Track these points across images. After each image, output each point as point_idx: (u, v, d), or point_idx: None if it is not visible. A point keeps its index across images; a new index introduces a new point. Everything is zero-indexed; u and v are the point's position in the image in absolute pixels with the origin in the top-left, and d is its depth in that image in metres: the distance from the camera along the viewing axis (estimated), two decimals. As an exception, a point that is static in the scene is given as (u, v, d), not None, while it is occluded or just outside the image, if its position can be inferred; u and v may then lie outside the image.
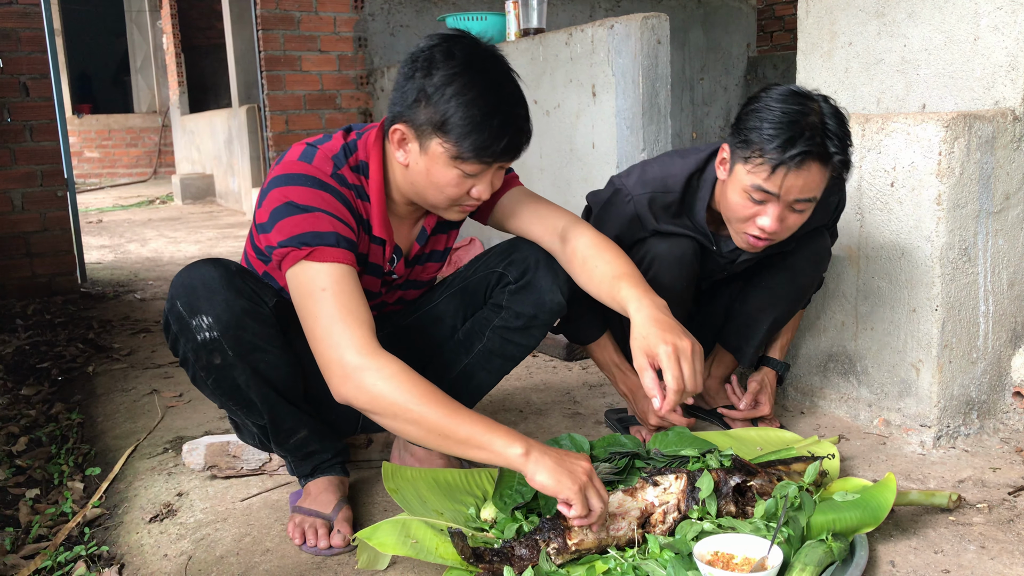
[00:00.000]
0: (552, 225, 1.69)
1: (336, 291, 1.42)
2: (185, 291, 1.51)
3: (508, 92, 1.47)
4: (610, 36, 2.90)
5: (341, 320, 1.40)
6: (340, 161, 1.55)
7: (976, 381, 1.99)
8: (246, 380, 1.56)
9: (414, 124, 1.47)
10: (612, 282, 1.57)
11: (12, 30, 3.80)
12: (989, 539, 1.54)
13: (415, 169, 1.51)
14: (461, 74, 1.43)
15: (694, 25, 5.73)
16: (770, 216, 1.64)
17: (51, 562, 1.60)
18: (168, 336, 1.57)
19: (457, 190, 1.51)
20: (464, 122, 1.42)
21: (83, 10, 12.65)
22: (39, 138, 3.91)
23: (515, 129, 1.46)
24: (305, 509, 1.64)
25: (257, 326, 1.54)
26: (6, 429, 2.33)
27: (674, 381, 1.39)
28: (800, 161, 1.57)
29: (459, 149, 1.44)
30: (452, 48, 1.45)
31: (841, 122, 1.61)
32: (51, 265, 4.00)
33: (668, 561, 1.35)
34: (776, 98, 1.62)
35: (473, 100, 1.42)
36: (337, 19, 5.07)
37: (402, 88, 1.48)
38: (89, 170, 12.05)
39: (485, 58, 1.47)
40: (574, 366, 2.72)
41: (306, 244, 1.44)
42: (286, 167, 1.52)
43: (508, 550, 1.40)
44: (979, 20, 2.11)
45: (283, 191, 1.49)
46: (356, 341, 1.39)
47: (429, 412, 1.35)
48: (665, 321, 1.46)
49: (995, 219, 1.94)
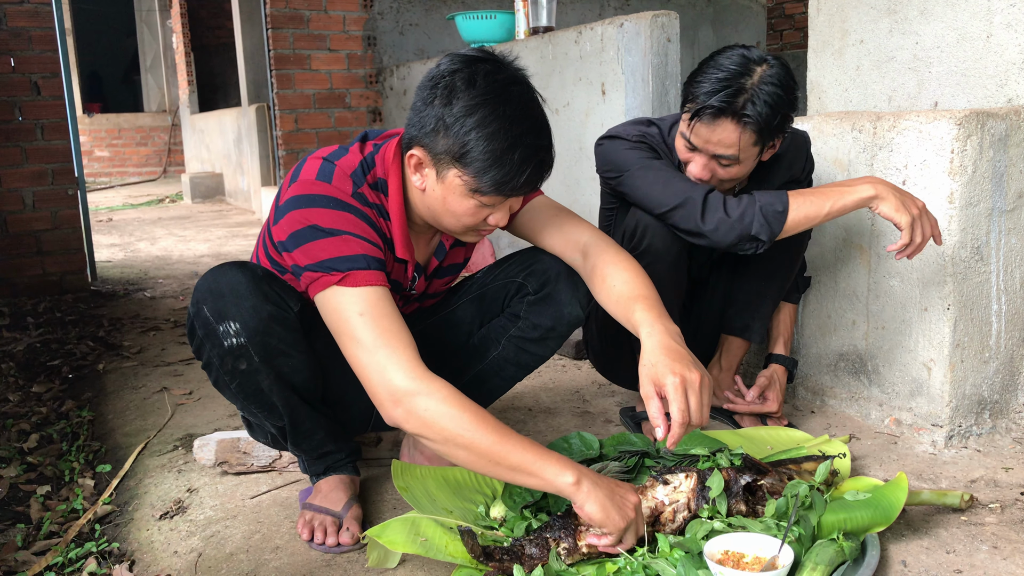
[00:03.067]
0: (575, 239, 1.67)
1: (375, 315, 1.39)
2: (212, 296, 1.49)
3: (531, 123, 1.41)
4: (620, 34, 2.89)
5: (385, 344, 1.37)
6: (359, 179, 1.50)
7: (988, 380, 1.98)
8: (269, 385, 1.56)
9: (432, 152, 1.43)
10: (628, 302, 1.54)
11: (23, 29, 3.82)
12: (1001, 539, 1.53)
13: (431, 195, 1.48)
14: (482, 105, 1.38)
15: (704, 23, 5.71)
16: (697, 164, 1.76)
17: (62, 558, 1.61)
18: (192, 341, 1.55)
19: (474, 219, 1.48)
20: (484, 156, 1.38)
21: (93, 9, 12.70)
22: (50, 137, 3.93)
23: (537, 162, 1.42)
24: (315, 506, 1.65)
25: (283, 331, 1.52)
26: (17, 426, 2.34)
27: (679, 414, 1.34)
28: (713, 115, 1.66)
29: (478, 183, 1.40)
30: (474, 75, 1.40)
31: (776, 92, 1.67)
32: (62, 263, 4.01)
33: (678, 560, 1.35)
34: (725, 55, 1.71)
35: (494, 134, 1.37)
36: (346, 18, 5.08)
37: (420, 112, 1.43)
38: (99, 169, 12.10)
39: (508, 85, 1.41)
40: (583, 365, 2.71)
41: (336, 270, 1.41)
42: (304, 187, 1.47)
43: (518, 548, 1.39)
44: (992, 17, 2.10)
45: (304, 213, 1.44)
46: (404, 365, 1.36)
47: (481, 438, 1.33)
48: (676, 350, 1.41)
49: (1008, 217, 1.92)
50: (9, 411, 2.46)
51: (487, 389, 1.84)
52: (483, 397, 1.85)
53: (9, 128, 3.84)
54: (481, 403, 1.84)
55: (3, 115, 3.82)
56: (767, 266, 1.98)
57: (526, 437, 1.36)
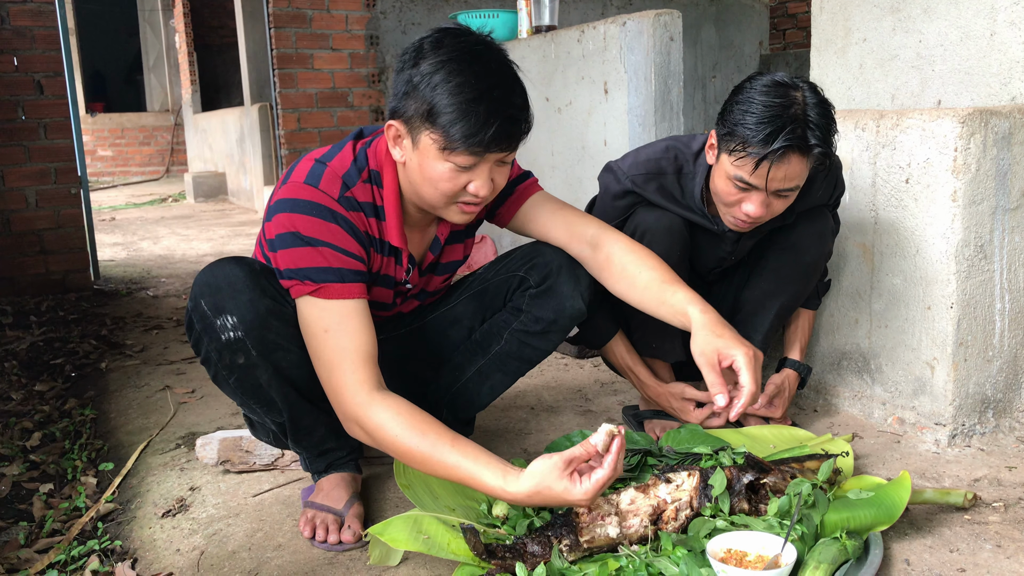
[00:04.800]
0: (580, 232, 1.69)
1: (338, 331, 1.44)
2: (209, 290, 1.50)
3: (498, 79, 1.42)
4: (622, 33, 2.89)
5: (341, 362, 1.43)
6: (351, 179, 1.51)
7: (992, 379, 1.97)
8: (268, 379, 1.56)
9: (405, 117, 1.44)
10: (661, 287, 1.59)
11: (26, 28, 3.82)
12: (1005, 538, 1.53)
13: (411, 166, 1.48)
14: (448, 61, 1.39)
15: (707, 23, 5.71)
16: (754, 203, 1.72)
17: (65, 556, 1.61)
18: (191, 335, 1.56)
19: (451, 185, 1.45)
20: (450, 109, 1.38)
21: (97, 9, 12.72)
22: (53, 136, 3.93)
23: (505, 116, 1.40)
24: (317, 504, 1.65)
25: (281, 325, 1.52)
26: (20, 424, 2.34)
27: (753, 383, 1.45)
28: (782, 155, 1.62)
29: (447, 139, 1.39)
30: (442, 38, 1.42)
31: (824, 112, 1.65)
32: (65, 262, 4.02)
33: (681, 558, 1.34)
34: (760, 90, 1.66)
35: (459, 86, 1.38)
36: (349, 17, 5.08)
37: (395, 79, 1.46)
38: (102, 168, 12.12)
39: (476, 45, 1.43)
40: (586, 363, 2.71)
41: (311, 279, 1.45)
42: (292, 190, 1.48)
43: (520, 546, 1.39)
44: (996, 15, 2.09)
45: (288, 218, 1.46)
46: (355, 383, 1.42)
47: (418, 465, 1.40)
48: (729, 328, 1.51)
49: (1012, 216, 1.92)
50: (12, 409, 2.46)
51: (490, 385, 1.84)
52: (486, 392, 1.85)
53: (12, 127, 3.85)
54: (484, 399, 1.85)
55: (6, 114, 3.83)
56: (775, 281, 1.98)
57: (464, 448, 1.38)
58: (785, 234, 1.94)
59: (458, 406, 1.85)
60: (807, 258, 1.94)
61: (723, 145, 1.71)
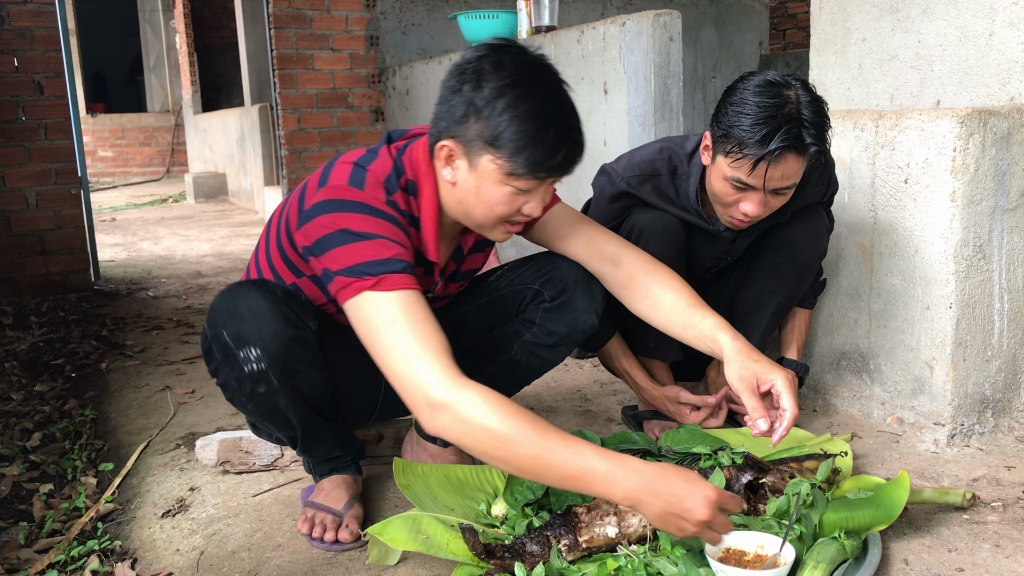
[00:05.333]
0: (600, 248, 1.68)
1: (408, 320, 1.33)
2: (232, 320, 1.46)
3: (561, 103, 1.40)
4: (622, 33, 2.89)
5: (419, 353, 1.31)
6: (392, 186, 1.45)
7: (991, 379, 1.97)
8: (286, 403, 1.55)
9: (463, 140, 1.39)
10: (687, 311, 1.60)
11: (27, 29, 3.82)
12: (1004, 537, 1.53)
13: (464, 187, 1.43)
14: (512, 86, 1.35)
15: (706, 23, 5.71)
16: (752, 203, 1.72)
17: (64, 556, 1.61)
18: (210, 363, 1.53)
19: (508, 208, 1.43)
20: (518, 136, 1.35)
21: (97, 10, 12.72)
22: (53, 137, 3.93)
23: (571, 142, 1.39)
24: (317, 504, 1.65)
25: (302, 352, 1.50)
26: (20, 425, 2.34)
27: (794, 407, 1.46)
28: (779, 155, 1.63)
29: (513, 165, 1.36)
30: (502, 59, 1.37)
31: (817, 110, 1.65)
32: (65, 263, 4.02)
33: (680, 558, 1.35)
34: (753, 91, 1.66)
35: (527, 113, 1.34)
36: (349, 17, 5.08)
37: (448, 102, 1.40)
38: (103, 169, 12.12)
39: (536, 67, 1.40)
40: (585, 364, 2.71)
41: (369, 274, 1.35)
42: (336, 192, 1.41)
43: (519, 546, 1.39)
44: (995, 15, 2.10)
45: (334, 218, 1.39)
46: (440, 372, 1.29)
47: (514, 455, 1.26)
48: (759, 354, 1.53)
49: (1011, 216, 1.92)
50: (12, 410, 2.47)
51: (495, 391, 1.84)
52: None
53: (12, 128, 3.85)
54: None
55: (6, 115, 3.83)
56: (771, 280, 1.98)
57: (574, 442, 1.28)
58: (780, 233, 1.94)
59: None
60: (802, 256, 1.95)
61: (719, 147, 1.71)
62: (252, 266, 1.68)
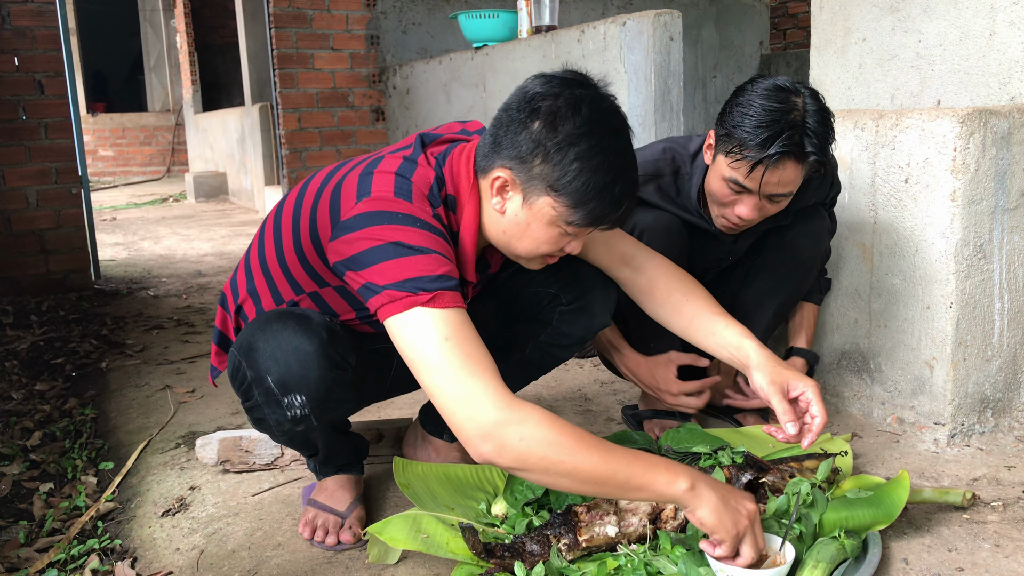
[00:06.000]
0: (619, 252, 1.67)
1: (460, 339, 1.28)
2: (277, 365, 1.41)
3: (631, 156, 1.36)
4: (622, 33, 2.89)
5: (470, 374, 1.26)
6: (435, 200, 1.40)
7: (991, 379, 1.97)
8: (318, 435, 1.58)
9: (523, 176, 1.34)
10: (710, 320, 1.62)
11: (27, 28, 3.82)
12: (1004, 537, 1.53)
13: (512, 220, 1.39)
14: (588, 135, 1.31)
15: (707, 22, 5.71)
16: (747, 206, 1.72)
17: (64, 555, 1.61)
18: (248, 399, 1.48)
19: (553, 247, 1.41)
20: (585, 188, 1.31)
21: (98, 9, 12.73)
22: (54, 136, 3.94)
23: (632, 197, 1.36)
24: (320, 504, 1.65)
25: (342, 391, 1.49)
26: (21, 424, 2.34)
27: (824, 414, 1.49)
28: (777, 160, 1.62)
29: (573, 215, 1.34)
30: (579, 102, 1.32)
31: (823, 120, 1.64)
32: (65, 262, 4.02)
33: (679, 557, 1.35)
34: (760, 94, 1.65)
35: (598, 167, 1.31)
36: (349, 17, 5.08)
37: (515, 133, 1.34)
38: (103, 168, 12.13)
39: (609, 114, 1.35)
40: (585, 363, 2.71)
41: (424, 290, 1.29)
42: (384, 204, 1.35)
43: (519, 545, 1.39)
44: (995, 15, 2.09)
45: (387, 230, 1.32)
46: (490, 394, 1.25)
47: (583, 461, 1.24)
48: (785, 363, 1.56)
49: (1011, 216, 1.92)
50: (12, 409, 2.47)
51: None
52: None
53: (13, 127, 3.85)
54: None
55: (7, 114, 3.83)
56: (772, 280, 1.98)
57: (627, 448, 1.28)
58: (782, 233, 1.94)
59: None
60: (803, 257, 1.95)
61: (720, 146, 1.71)
62: (255, 261, 1.59)
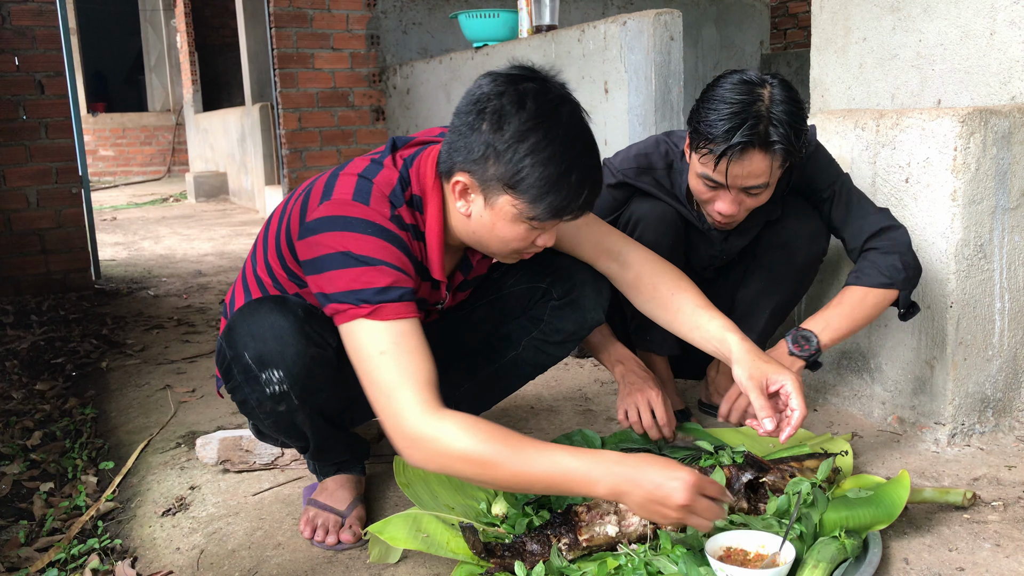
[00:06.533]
0: (607, 247, 1.68)
1: (396, 353, 1.32)
2: (254, 342, 1.43)
3: (584, 143, 1.37)
4: (623, 32, 2.89)
5: (399, 387, 1.30)
6: (397, 199, 1.42)
7: (991, 379, 1.97)
8: (303, 419, 1.55)
9: (480, 178, 1.36)
10: (695, 312, 1.62)
11: (27, 28, 3.82)
12: (1004, 537, 1.53)
13: (478, 221, 1.41)
14: (535, 128, 1.32)
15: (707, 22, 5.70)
16: (725, 201, 1.72)
17: (65, 555, 1.61)
18: (228, 380, 1.51)
19: (523, 243, 1.42)
20: (540, 182, 1.32)
21: (98, 9, 12.72)
22: (54, 136, 3.94)
23: (592, 183, 1.38)
24: (320, 503, 1.65)
25: (323, 370, 1.48)
26: (21, 423, 2.34)
27: (803, 408, 1.51)
28: (741, 150, 1.62)
29: (534, 210, 1.35)
30: (523, 97, 1.33)
31: (790, 110, 1.63)
32: (66, 262, 4.02)
33: (680, 557, 1.35)
34: (726, 87, 1.66)
35: (549, 159, 1.31)
36: (350, 17, 5.08)
37: (465, 137, 1.36)
38: (103, 168, 12.13)
39: (558, 104, 1.36)
40: (586, 363, 2.71)
41: (366, 302, 1.33)
42: (341, 207, 1.38)
43: (519, 545, 1.39)
44: (996, 14, 2.09)
45: (338, 237, 1.36)
46: (416, 407, 1.29)
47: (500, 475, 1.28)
48: (767, 355, 1.57)
49: (1011, 215, 1.92)
50: (13, 408, 2.47)
51: (500, 388, 1.84)
52: (496, 394, 1.86)
53: (13, 127, 3.85)
54: (491, 401, 1.87)
55: (7, 114, 3.83)
56: (769, 281, 1.97)
57: (548, 451, 1.30)
58: (778, 232, 1.93)
59: (465, 407, 1.84)
60: (799, 258, 1.94)
61: (692, 143, 1.72)
62: (249, 271, 1.63)
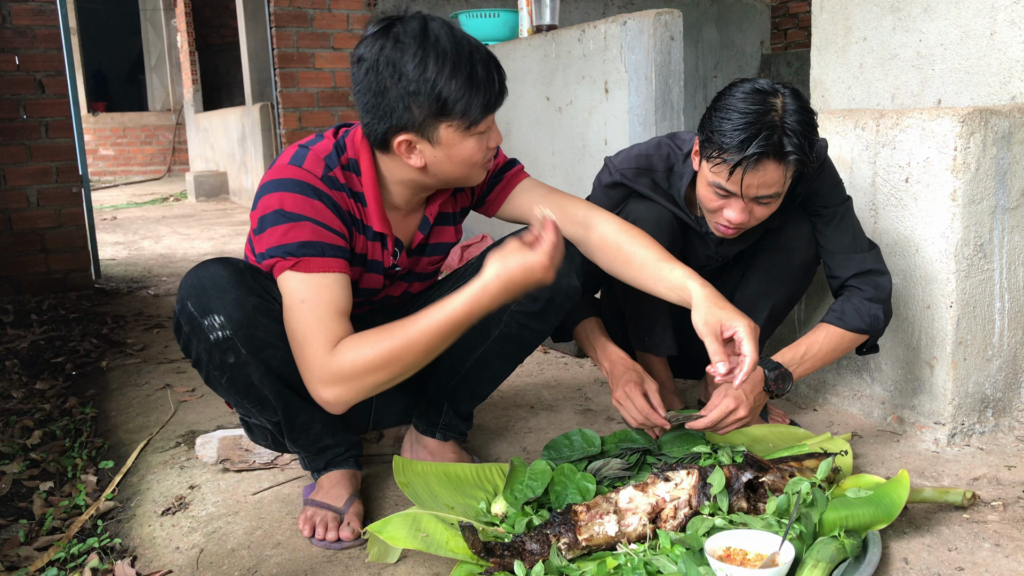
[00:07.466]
0: (571, 214, 1.72)
1: (315, 303, 1.45)
2: (195, 291, 1.51)
3: (466, 41, 1.46)
4: (623, 32, 2.89)
5: (313, 332, 1.43)
6: (332, 161, 1.54)
7: (991, 378, 1.97)
8: (260, 377, 1.56)
9: (415, 127, 1.46)
10: (657, 264, 1.63)
11: (28, 27, 3.83)
12: (1004, 537, 1.53)
13: (436, 162, 1.51)
14: (424, 56, 1.42)
15: (708, 22, 5.71)
16: (735, 210, 1.72)
17: (64, 554, 1.61)
18: (180, 338, 1.57)
19: (482, 154, 1.53)
20: (459, 92, 1.43)
21: (98, 8, 12.73)
22: (54, 135, 3.94)
23: (494, 66, 1.48)
24: (317, 502, 1.65)
25: (269, 322, 1.53)
26: (21, 423, 2.34)
27: (754, 353, 1.50)
28: (756, 161, 1.62)
29: (468, 117, 1.45)
30: (398, 40, 1.43)
31: (803, 119, 1.63)
32: (66, 261, 4.02)
33: (679, 557, 1.35)
34: (739, 96, 1.65)
35: (453, 70, 1.42)
36: (350, 16, 5.08)
37: (380, 104, 1.45)
38: (104, 168, 12.14)
39: (425, 26, 1.46)
40: (585, 363, 2.71)
41: (291, 255, 1.46)
42: (278, 171, 1.52)
43: (519, 544, 1.39)
44: (996, 14, 2.09)
45: (273, 198, 1.49)
46: (322, 348, 1.42)
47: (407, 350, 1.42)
48: (726, 302, 1.55)
49: (1011, 215, 1.92)
50: (12, 408, 2.47)
51: (490, 373, 1.84)
52: (487, 382, 1.85)
53: (13, 126, 3.85)
54: (485, 389, 1.87)
55: (8, 113, 3.83)
56: (767, 283, 1.97)
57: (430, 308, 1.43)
58: (776, 235, 1.93)
59: (460, 399, 1.85)
60: (798, 260, 1.94)
61: (703, 152, 1.71)
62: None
